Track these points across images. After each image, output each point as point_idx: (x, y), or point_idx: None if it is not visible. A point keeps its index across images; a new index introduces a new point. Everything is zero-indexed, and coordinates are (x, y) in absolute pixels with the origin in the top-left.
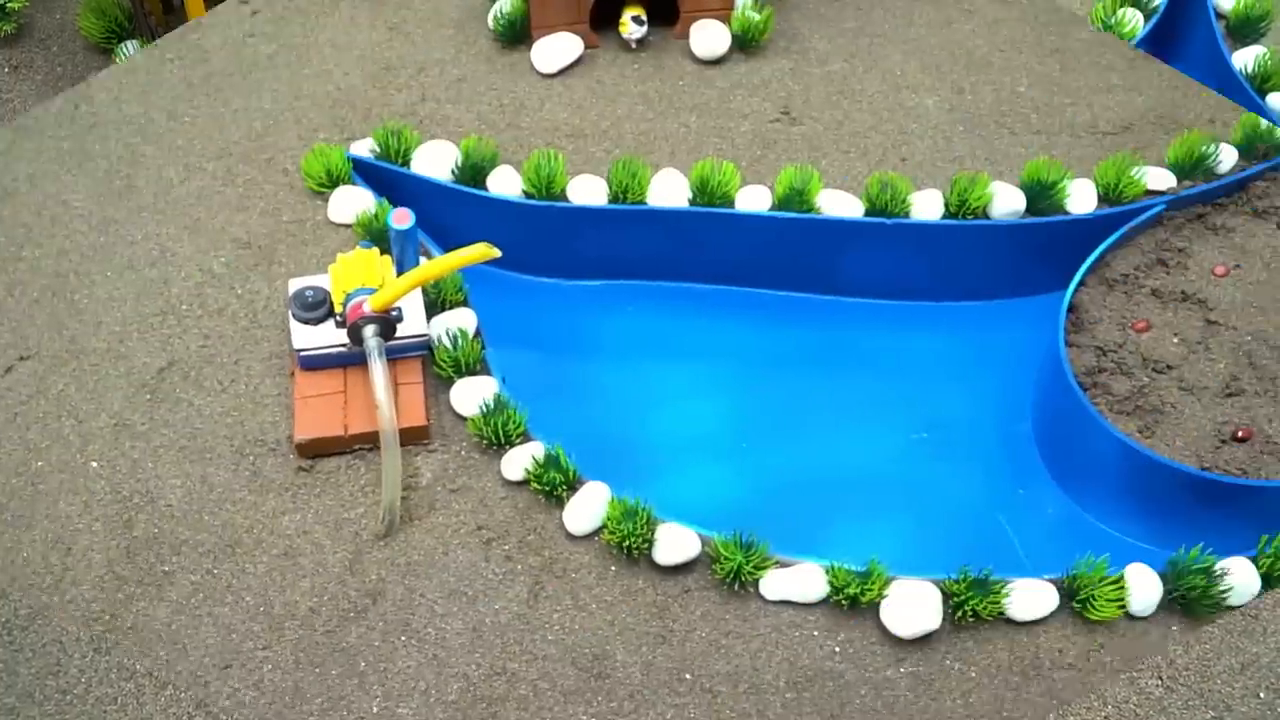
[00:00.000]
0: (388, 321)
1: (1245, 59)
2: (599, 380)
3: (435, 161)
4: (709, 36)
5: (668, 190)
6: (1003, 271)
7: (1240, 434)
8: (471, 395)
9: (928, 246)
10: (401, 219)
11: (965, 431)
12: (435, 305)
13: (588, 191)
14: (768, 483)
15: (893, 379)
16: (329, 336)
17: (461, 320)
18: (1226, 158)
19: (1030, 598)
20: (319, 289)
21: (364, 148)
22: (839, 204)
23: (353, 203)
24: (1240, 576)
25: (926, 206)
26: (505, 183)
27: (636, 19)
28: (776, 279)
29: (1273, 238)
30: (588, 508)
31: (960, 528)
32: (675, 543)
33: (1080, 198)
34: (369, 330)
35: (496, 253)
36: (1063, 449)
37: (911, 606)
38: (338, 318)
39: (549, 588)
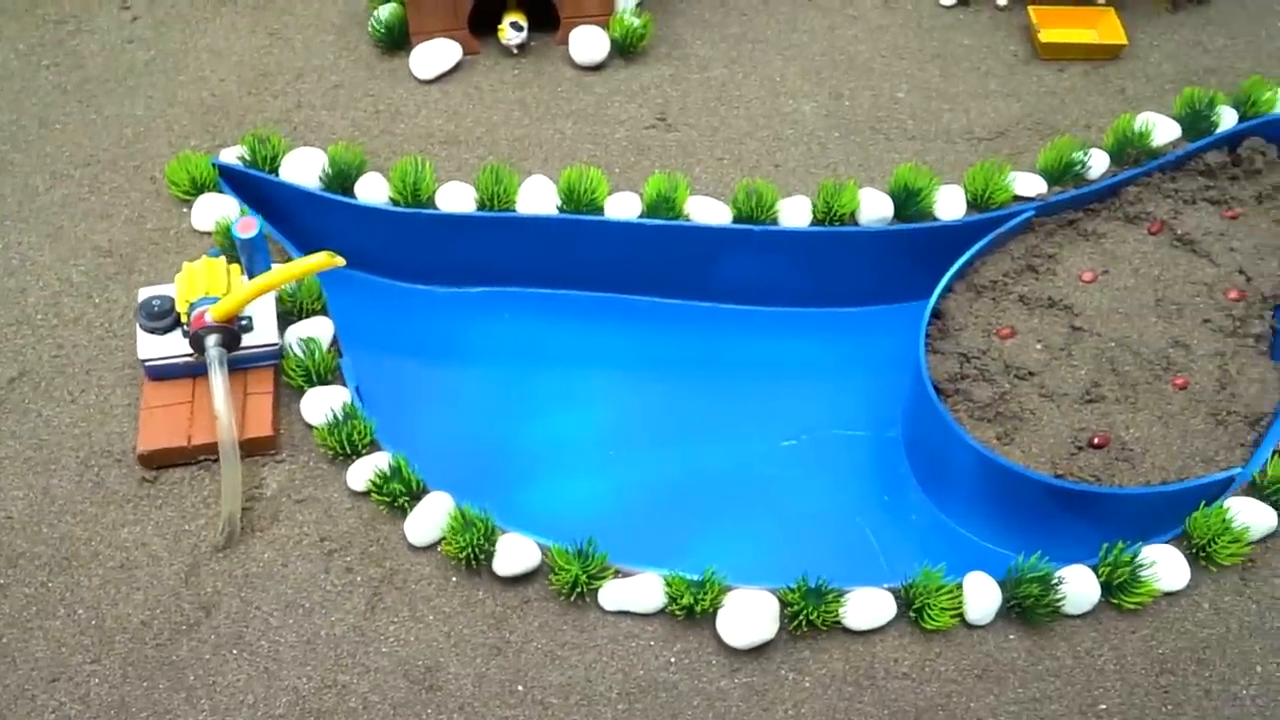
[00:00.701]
0: (231, 331)
1: None
2: (469, 389)
3: (303, 168)
4: (588, 42)
5: (536, 197)
6: (874, 278)
7: (1096, 441)
8: (322, 405)
9: (797, 253)
10: (246, 228)
11: (836, 438)
12: (292, 314)
13: (456, 198)
14: (633, 491)
15: (765, 385)
16: (176, 346)
17: (316, 329)
18: (1098, 163)
19: (867, 606)
20: (166, 298)
21: (234, 155)
22: (708, 211)
23: (216, 210)
24: (1078, 585)
25: (794, 213)
26: (373, 190)
27: (515, 25)
28: (650, 286)
29: (1143, 243)
30: (429, 518)
31: (825, 535)
32: (515, 553)
33: (949, 204)
34: (211, 340)
35: (340, 261)
36: (927, 456)
37: (746, 616)
38: (184, 327)
39: (388, 599)
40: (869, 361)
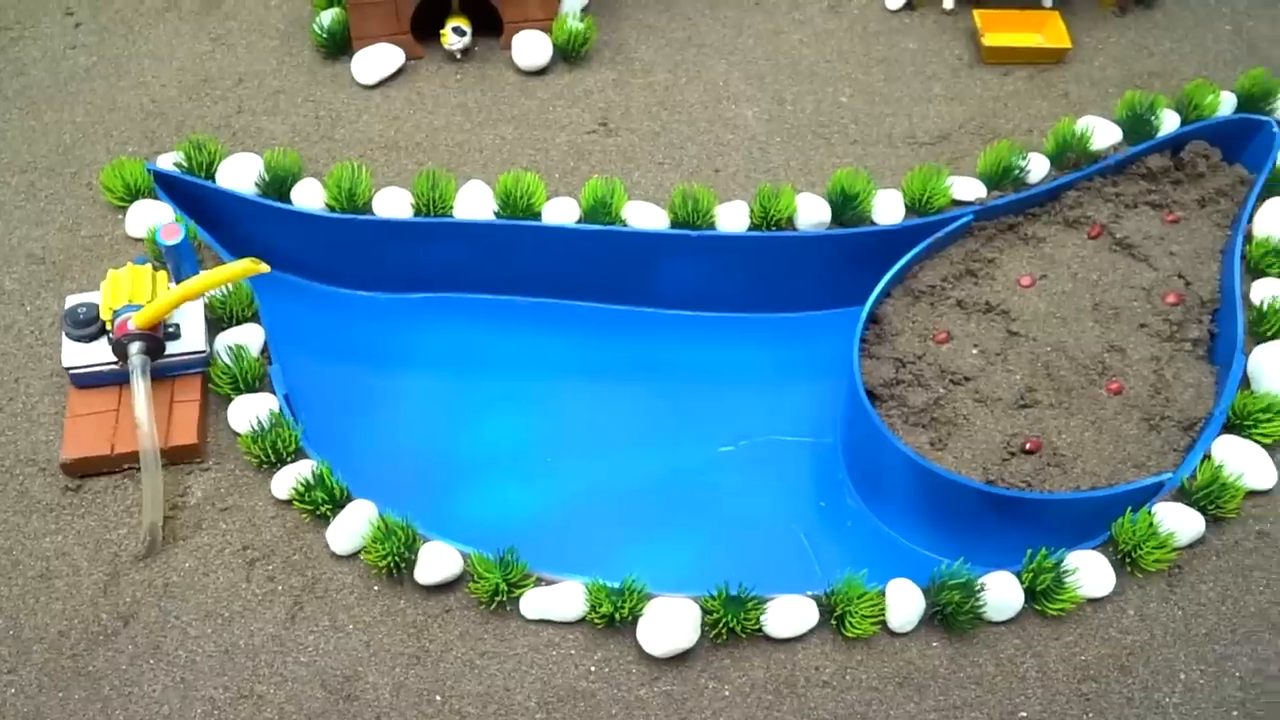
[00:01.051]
0: (155, 339)
1: None
2: (408, 395)
3: (240, 174)
4: (530, 47)
5: (474, 203)
6: (813, 283)
7: (1028, 446)
8: (249, 413)
9: (735, 258)
10: (170, 234)
11: (774, 444)
12: (223, 321)
13: (393, 204)
14: (569, 498)
15: (705, 391)
16: (101, 354)
17: (245, 336)
18: (1038, 168)
19: (789, 614)
20: (92, 305)
21: (170, 161)
22: (645, 216)
23: (151, 217)
24: (1002, 591)
25: (732, 218)
26: (310, 195)
27: (457, 29)
28: (590, 291)
29: (1082, 248)
30: (351, 527)
31: (760, 542)
32: (436, 561)
33: (887, 208)
34: (134, 347)
35: (265, 268)
36: (863, 462)
37: (666, 624)
38: (109, 335)
39: (308, 608)
40: (808, 367)
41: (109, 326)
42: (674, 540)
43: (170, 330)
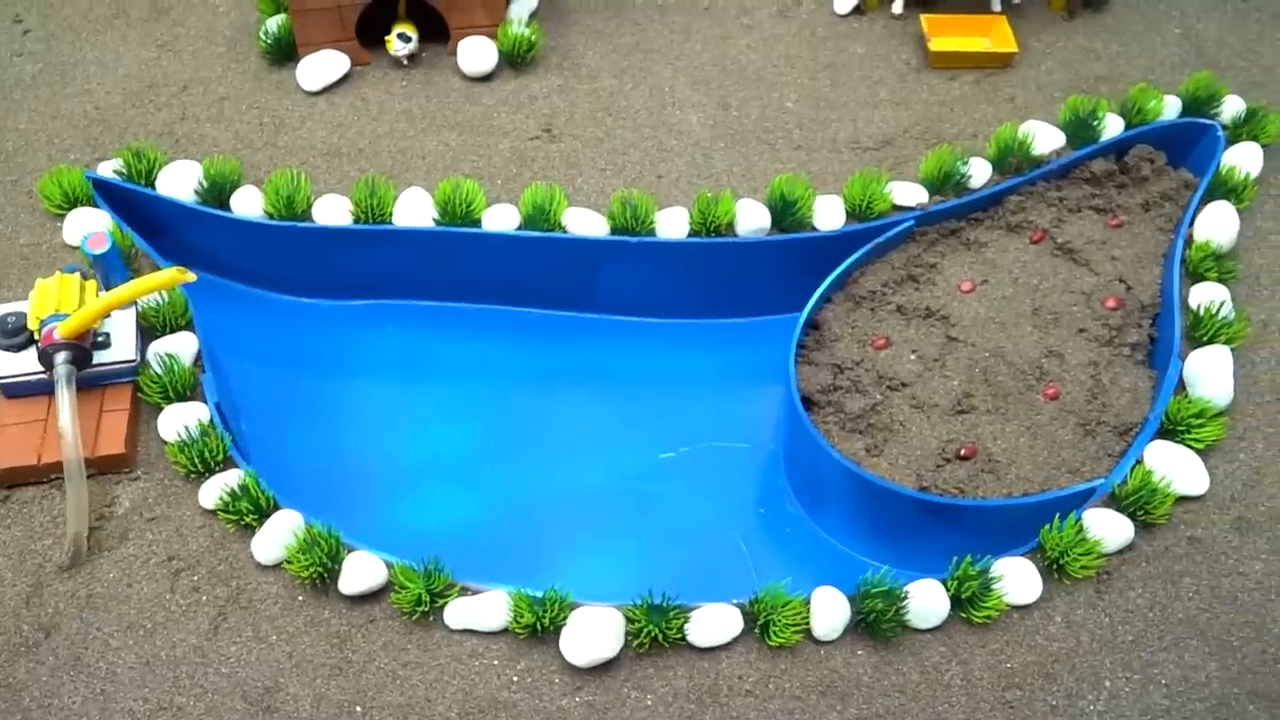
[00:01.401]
0: (82, 348)
1: None
2: (349, 403)
3: (180, 182)
4: (476, 53)
5: (414, 210)
6: (755, 289)
7: (963, 452)
8: (178, 422)
9: (675, 264)
10: (97, 243)
11: (715, 450)
12: (157, 329)
13: (333, 211)
14: (507, 506)
15: (647, 397)
16: (30, 363)
17: (177, 345)
18: (979, 172)
19: (713, 623)
20: (21, 314)
21: (110, 169)
22: (585, 223)
23: (89, 225)
24: (928, 598)
25: (672, 224)
26: (249, 203)
27: (403, 36)
28: (533, 298)
29: (1023, 252)
30: (276, 537)
31: (699, 549)
32: (360, 571)
33: (828, 214)
34: (60, 357)
35: (191, 277)
36: (801, 469)
37: (588, 634)
38: (37, 344)
39: (232, 619)
40: (751, 373)
41: (36, 336)
42: (612, 548)
43: (100, 339)
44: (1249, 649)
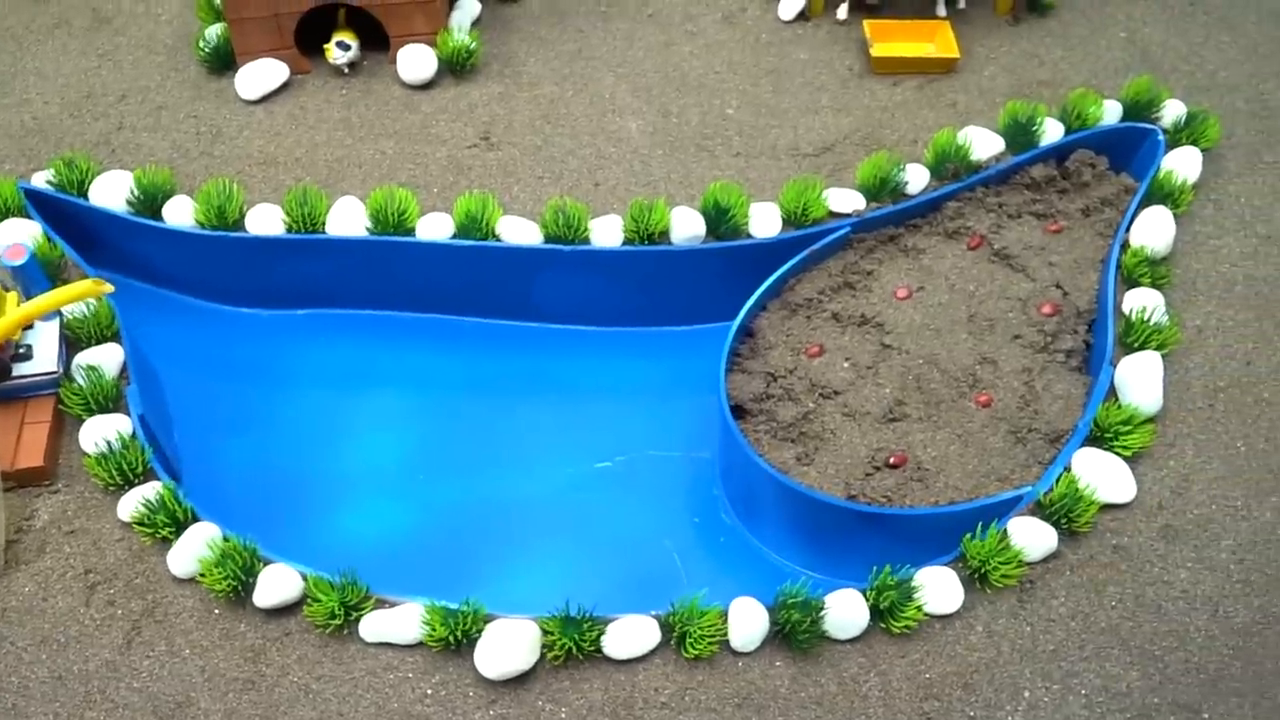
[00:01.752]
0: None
1: None
2: (283, 413)
3: (114, 192)
4: (415, 61)
5: (347, 219)
6: (692, 297)
7: (892, 460)
8: (99, 434)
9: (610, 273)
10: (15, 255)
11: (651, 459)
12: (82, 341)
13: (265, 221)
14: (439, 517)
15: (583, 406)
16: None
17: (102, 356)
18: (917, 178)
19: (629, 635)
20: None
21: (44, 179)
22: (519, 231)
23: (21, 236)
24: (847, 609)
25: (606, 233)
26: (182, 213)
27: (342, 44)
28: (469, 306)
29: (961, 259)
30: (191, 550)
31: (633, 559)
32: (275, 584)
33: (764, 221)
34: None
35: (108, 288)
36: (735, 478)
37: (502, 646)
38: None
39: (146, 633)
40: (688, 382)
41: None
42: (546, 560)
43: (21, 351)
44: (1171, 658)
